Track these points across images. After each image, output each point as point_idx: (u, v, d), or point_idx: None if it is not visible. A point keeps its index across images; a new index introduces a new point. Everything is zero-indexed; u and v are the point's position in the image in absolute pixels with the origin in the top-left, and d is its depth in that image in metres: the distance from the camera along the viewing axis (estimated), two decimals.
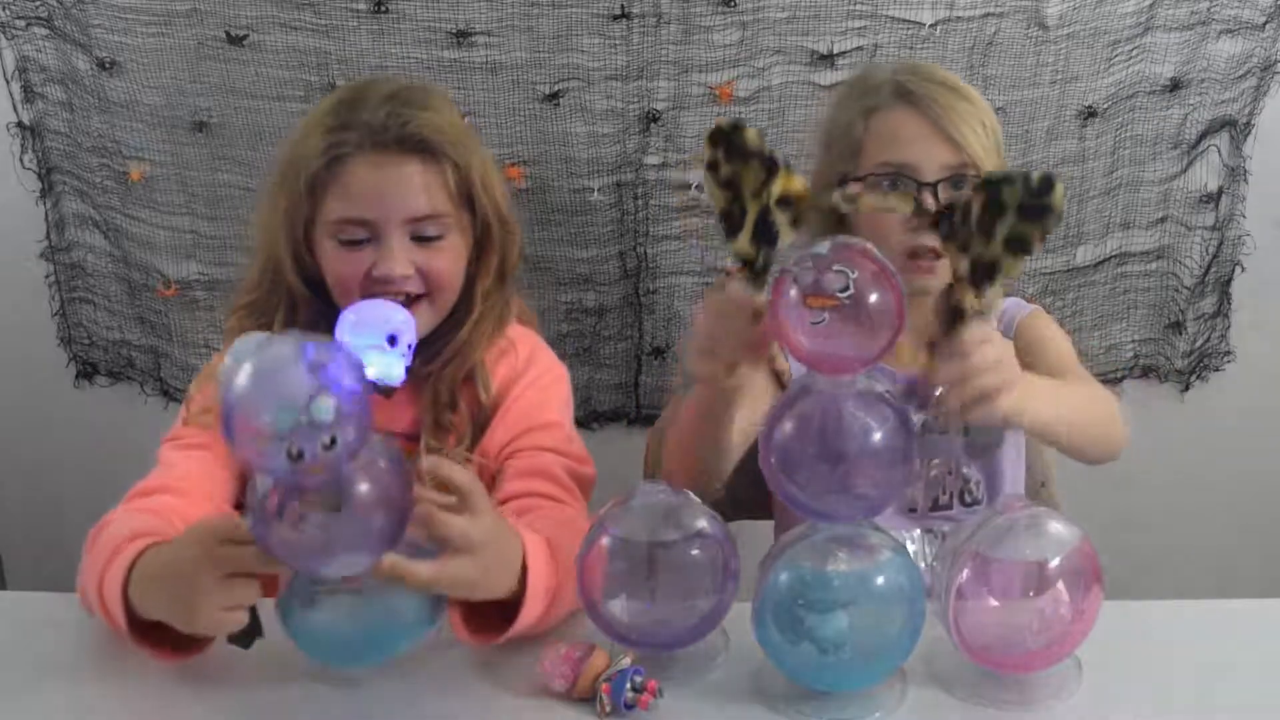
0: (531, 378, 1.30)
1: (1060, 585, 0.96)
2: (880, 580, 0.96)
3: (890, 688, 1.00)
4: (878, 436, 0.94)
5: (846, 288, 0.90)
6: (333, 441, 0.82)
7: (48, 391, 1.94)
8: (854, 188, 1.17)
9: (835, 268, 0.91)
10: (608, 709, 0.96)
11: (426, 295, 1.22)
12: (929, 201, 1.21)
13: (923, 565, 1.26)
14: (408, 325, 0.99)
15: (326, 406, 0.81)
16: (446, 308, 1.25)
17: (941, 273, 1.26)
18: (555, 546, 1.05)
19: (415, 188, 1.21)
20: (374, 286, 1.19)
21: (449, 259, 1.23)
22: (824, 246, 0.93)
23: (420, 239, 1.21)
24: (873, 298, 0.90)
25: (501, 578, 0.99)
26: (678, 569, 1.01)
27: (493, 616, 1.02)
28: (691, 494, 1.03)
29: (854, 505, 0.96)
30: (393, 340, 0.96)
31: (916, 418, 1.31)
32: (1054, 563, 0.96)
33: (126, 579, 1.00)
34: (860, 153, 1.28)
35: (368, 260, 1.20)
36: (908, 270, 1.22)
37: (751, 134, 0.97)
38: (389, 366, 0.96)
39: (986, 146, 1.25)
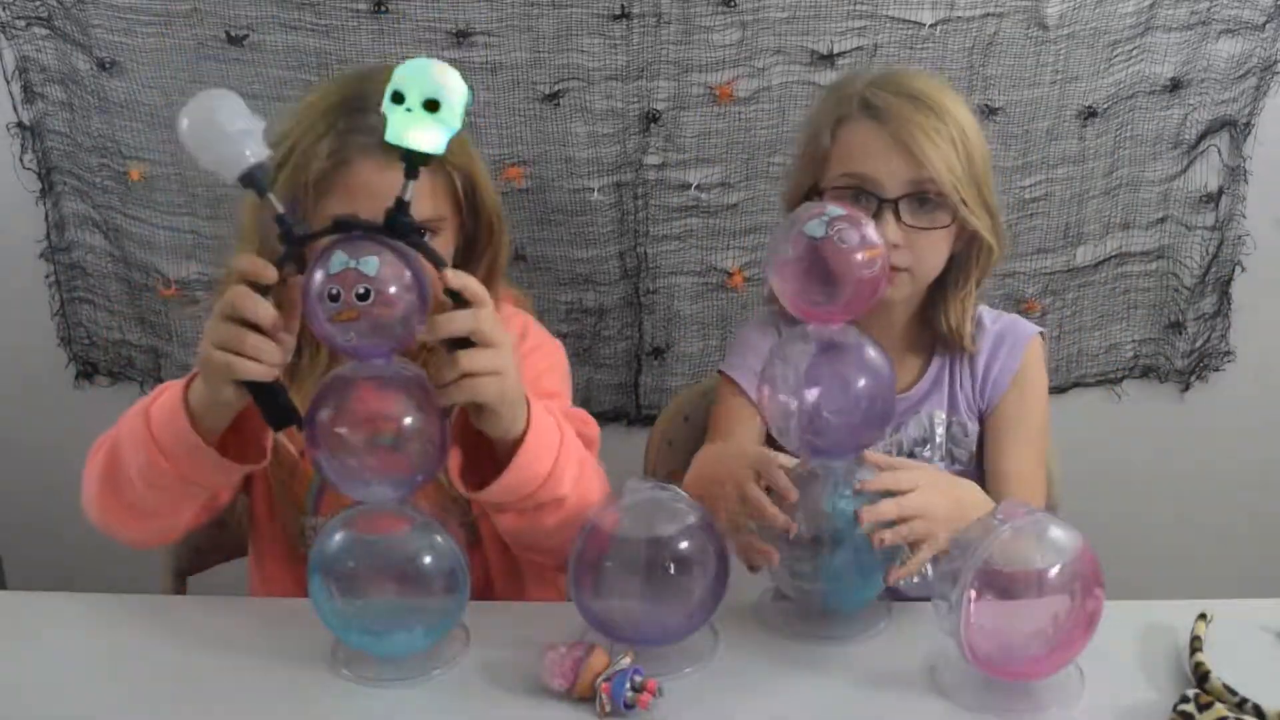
0: (530, 346, 1.31)
1: (1062, 592, 0.96)
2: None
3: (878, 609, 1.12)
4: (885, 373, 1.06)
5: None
6: (366, 293, 0.93)
7: (48, 391, 1.94)
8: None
9: (863, 221, 1.03)
10: (607, 709, 0.96)
11: None
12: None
13: None
14: (456, 92, 0.94)
15: (372, 262, 0.94)
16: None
17: (900, 283, 1.25)
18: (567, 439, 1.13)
19: (420, 193, 1.20)
20: None
21: None
22: (835, 209, 1.02)
23: None
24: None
25: (516, 385, 1.04)
26: (670, 563, 1.01)
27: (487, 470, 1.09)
28: (679, 489, 1.05)
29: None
30: (434, 105, 0.93)
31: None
32: (1055, 570, 0.96)
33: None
34: (826, 163, 1.28)
35: None
36: None
37: None
38: (426, 131, 0.95)
39: (952, 162, 1.21)
